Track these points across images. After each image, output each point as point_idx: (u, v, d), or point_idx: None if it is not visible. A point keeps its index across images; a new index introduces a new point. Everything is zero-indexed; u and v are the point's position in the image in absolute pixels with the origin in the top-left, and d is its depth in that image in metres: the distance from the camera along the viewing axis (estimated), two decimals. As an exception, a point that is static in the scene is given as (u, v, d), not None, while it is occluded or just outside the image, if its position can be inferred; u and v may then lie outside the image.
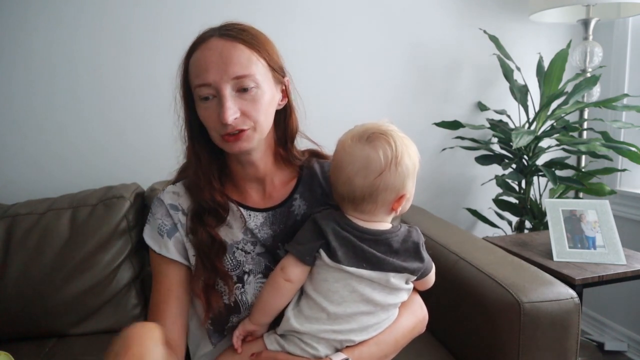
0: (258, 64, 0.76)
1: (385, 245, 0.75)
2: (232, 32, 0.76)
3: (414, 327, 0.85)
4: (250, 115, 0.76)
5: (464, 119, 1.98)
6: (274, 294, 0.77)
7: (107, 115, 1.69)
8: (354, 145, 0.75)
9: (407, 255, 0.77)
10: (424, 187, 2.01)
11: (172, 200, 0.86)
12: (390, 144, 0.73)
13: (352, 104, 1.89)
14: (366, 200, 0.74)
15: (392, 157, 0.73)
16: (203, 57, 0.75)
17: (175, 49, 1.69)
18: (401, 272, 0.76)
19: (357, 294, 0.75)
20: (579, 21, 1.86)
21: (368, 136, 0.74)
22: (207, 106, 0.76)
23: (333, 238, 0.74)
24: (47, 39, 1.62)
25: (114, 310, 1.42)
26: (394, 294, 0.78)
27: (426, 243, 0.83)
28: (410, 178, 0.76)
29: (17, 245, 1.37)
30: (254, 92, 0.75)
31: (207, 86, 0.74)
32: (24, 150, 1.66)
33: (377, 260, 0.74)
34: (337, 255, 0.73)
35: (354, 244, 0.74)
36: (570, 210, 1.52)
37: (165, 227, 0.85)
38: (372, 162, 0.73)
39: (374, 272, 0.74)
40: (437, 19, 1.95)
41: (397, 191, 0.75)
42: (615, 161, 1.87)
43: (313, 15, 1.82)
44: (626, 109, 1.71)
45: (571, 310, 1.04)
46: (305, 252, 0.75)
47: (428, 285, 0.87)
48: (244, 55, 0.75)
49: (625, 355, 1.93)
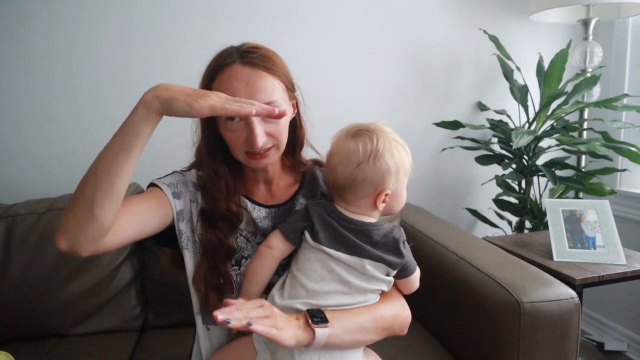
0: (279, 88, 0.83)
1: (366, 236, 0.80)
2: (255, 60, 0.81)
3: (394, 316, 0.85)
4: (274, 136, 0.83)
5: (464, 119, 1.98)
6: (254, 259, 0.84)
7: (107, 115, 1.69)
8: (341, 139, 0.82)
9: (386, 249, 0.81)
10: (424, 187, 2.01)
11: (196, 179, 0.91)
12: (372, 139, 0.79)
13: (352, 104, 1.89)
14: (346, 189, 0.80)
15: (370, 151, 0.78)
16: (230, 85, 0.80)
17: (175, 48, 1.69)
18: (377, 261, 0.80)
19: (334, 274, 0.80)
20: (579, 21, 1.86)
21: (355, 132, 0.81)
22: (234, 128, 0.81)
23: (317, 221, 0.81)
24: (47, 39, 1.62)
25: (114, 310, 1.42)
26: (371, 282, 0.82)
27: (426, 243, 0.83)
28: (392, 176, 0.79)
29: (17, 245, 1.37)
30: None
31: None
32: (24, 150, 1.66)
33: (355, 245, 0.79)
34: (318, 237, 0.80)
35: (335, 229, 0.80)
36: (570, 210, 1.52)
37: (176, 188, 0.88)
38: (351, 154, 0.79)
39: (350, 257, 0.79)
40: (437, 19, 1.95)
41: (375, 185, 0.79)
42: (615, 161, 1.87)
43: (313, 16, 1.82)
44: (626, 109, 1.71)
45: (571, 310, 1.04)
46: (290, 230, 0.82)
47: (411, 288, 0.89)
48: (268, 83, 0.81)
49: (625, 355, 1.93)
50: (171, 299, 1.45)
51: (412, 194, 2.05)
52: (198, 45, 1.72)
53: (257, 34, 1.76)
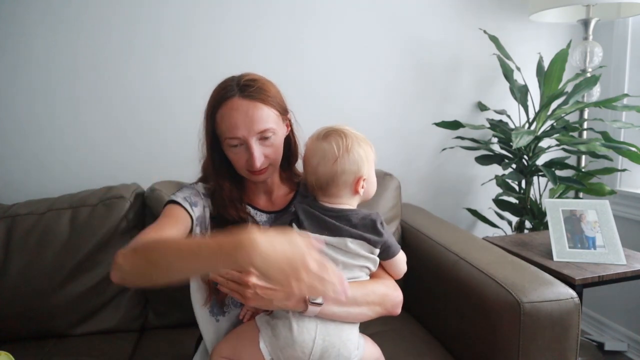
0: (273, 116, 0.96)
1: (346, 220, 0.91)
2: (252, 94, 0.93)
3: (385, 294, 0.94)
4: (270, 156, 0.97)
5: (464, 119, 1.98)
6: None
7: (107, 116, 1.69)
8: (314, 143, 0.94)
9: (364, 229, 0.90)
10: (424, 187, 2.01)
11: (204, 190, 1.03)
12: (341, 136, 0.91)
13: (352, 104, 1.90)
14: (330, 184, 0.91)
15: (343, 147, 0.90)
16: (231, 116, 0.93)
17: (175, 50, 1.69)
18: (357, 239, 0.89)
19: (321, 254, 0.85)
20: (579, 21, 1.86)
21: (323, 134, 0.93)
22: (236, 152, 0.96)
23: (302, 213, 0.93)
24: (48, 40, 1.62)
25: (114, 310, 1.42)
26: (356, 259, 0.91)
27: (426, 243, 0.84)
28: (365, 164, 0.92)
29: (17, 245, 1.37)
30: (272, 139, 0.96)
31: (237, 139, 0.94)
32: (24, 150, 1.66)
33: (336, 228, 0.90)
34: (303, 225, 0.91)
35: (317, 217, 0.91)
36: (570, 210, 1.52)
37: (191, 199, 0.98)
38: (327, 152, 0.90)
39: (333, 238, 0.89)
40: (437, 19, 1.95)
41: (354, 174, 0.91)
42: (615, 161, 1.87)
43: (312, 17, 1.81)
44: (626, 109, 1.71)
45: (571, 310, 1.04)
46: (280, 224, 0.95)
47: (398, 271, 0.98)
48: (264, 113, 0.94)
49: (625, 355, 1.93)
50: (171, 299, 1.45)
51: (412, 194, 2.07)
52: (200, 47, 1.73)
53: (258, 36, 1.78)
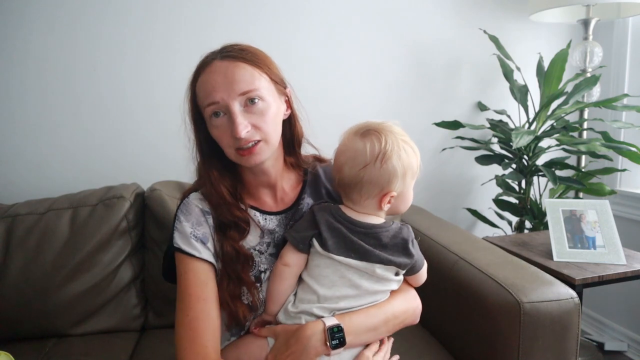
0: (261, 79, 0.81)
1: (375, 239, 0.80)
2: (232, 53, 0.81)
3: (405, 311, 0.87)
4: (260, 128, 0.80)
5: (464, 119, 1.98)
6: (275, 279, 0.84)
7: (107, 116, 1.69)
8: (349, 137, 0.81)
9: (395, 250, 0.80)
10: (424, 187, 2.01)
11: (201, 205, 0.88)
12: (380, 141, 0.77)
13: (352, 104, 1.89)
14: (352, 189, 0.80)
15: (378, 153, 0.77)
16: (209, 79, 0.80)
17: (172, 50, 1.69)
18: (387, 265, 0.80)
19: (345, 280, 0.80)
20: (579, 21, 1.86)
21: (363, 131, 0.80)
22: (218, 124, 0.81)
23: (325, 229, 0.80)
24: (45, 40, 1.62)
25: (114, 310, 1.42)
26: (381, 283, 0.82)
27: (426, 243, 0.84)
28: (399, 179, 0.78)
29: (17, 245, 1.37)
30: (260, 105, 0.80)
31: (216, 104, 0.79)
32: (24, 150, 1.66)
33: (365, 251, 0.79)
34: (327, 245, 0.79)
35: (344, 235, 0.79)
36: (570, 210, 1.52)
37: (197, 235, 0.85)
38: (358, 154, 0.78)
39: (360, 262, 0.79)
40: (437, 19, 1.95)
41: (380, 187, 0.78)
42: (615, 161, 1.87)
43: (313, 17, 1.81)
44: (626, 109, 1.71)
45: (571, 310, 1.04)
46: (299, 239, 0.81)
47: (420, 282, 0.91)
48: (247, 73, 0.80)
49: (625, 355, 1.93)
50: (171, 299, 1.43)
51: (413, 194, 2.06)
52: (196, 46, 1.72)
53: (256, 34, 1.77)
